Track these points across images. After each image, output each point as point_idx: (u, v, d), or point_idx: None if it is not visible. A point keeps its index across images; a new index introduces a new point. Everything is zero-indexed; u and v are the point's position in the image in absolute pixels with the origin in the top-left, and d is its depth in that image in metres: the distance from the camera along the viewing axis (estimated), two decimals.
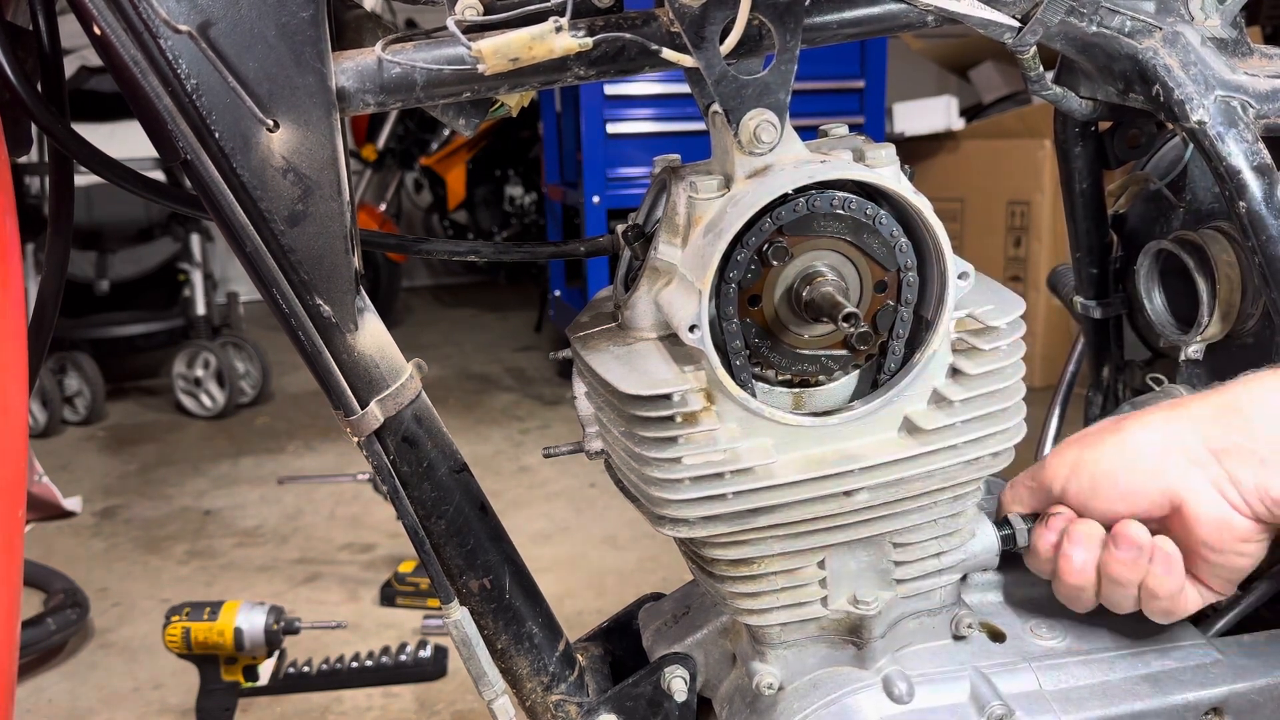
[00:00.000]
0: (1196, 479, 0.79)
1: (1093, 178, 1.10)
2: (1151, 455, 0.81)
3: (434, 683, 2.29)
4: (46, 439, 4.07)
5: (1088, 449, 0.84)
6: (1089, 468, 0.83)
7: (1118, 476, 0.82)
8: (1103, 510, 0.83)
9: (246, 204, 0.74)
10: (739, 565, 0.81)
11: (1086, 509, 0.84)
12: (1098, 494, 0.83)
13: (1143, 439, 0.82)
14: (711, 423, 0.76)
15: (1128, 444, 0.82)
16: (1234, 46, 0.91)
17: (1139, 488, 0.81)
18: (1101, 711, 0.84)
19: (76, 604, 2.54)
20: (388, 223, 5.81)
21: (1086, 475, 0.83)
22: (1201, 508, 0.79)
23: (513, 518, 3.08)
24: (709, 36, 0.73)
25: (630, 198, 3.96)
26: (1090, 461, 0.83)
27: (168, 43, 0.70)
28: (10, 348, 0.75)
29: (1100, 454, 0.83)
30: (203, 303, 4.39)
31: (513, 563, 0.88)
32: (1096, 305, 1.18)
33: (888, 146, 0.78)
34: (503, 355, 5.22)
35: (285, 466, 3.72)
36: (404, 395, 0.82)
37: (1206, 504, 0.79)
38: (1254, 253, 0.87)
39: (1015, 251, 4.26)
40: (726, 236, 0.72)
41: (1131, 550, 0.81)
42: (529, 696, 0.90)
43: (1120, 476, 0.82)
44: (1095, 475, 0.83)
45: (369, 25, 0.83)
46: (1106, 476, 0.82)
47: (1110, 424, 0.85)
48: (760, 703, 0.87)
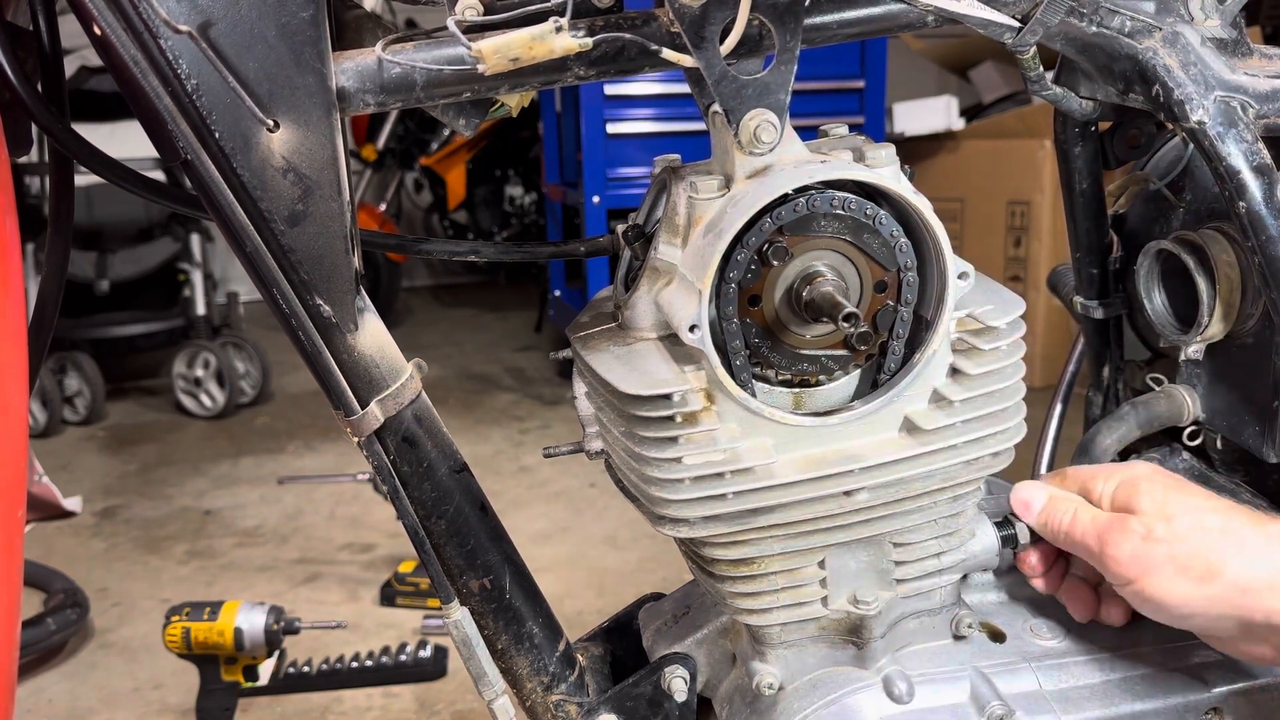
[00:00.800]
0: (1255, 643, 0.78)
1: (1093, 178, 1.10)
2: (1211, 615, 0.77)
3: (434, 683, 2.29)
4: (46, 439, 4.07)
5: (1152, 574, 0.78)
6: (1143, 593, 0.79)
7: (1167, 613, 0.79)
8: (1145, 615, 0.82)
9: (246, 204, 0.74)
10: (739, 565, 0.81)
11: (1131, 604, 0.82)
12: (1148, 612, 0.80)
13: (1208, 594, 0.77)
14: (711, 423, 0.76)
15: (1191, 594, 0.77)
16: (1234, 47, 0.91)
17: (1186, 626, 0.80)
18: (1101, 711, 0.84)
19: (76, 604, 2.54)
20: (388, 223, 5.80)
21: (1139, 598, 0.79)
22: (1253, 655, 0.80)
23: (513, 518, 3.08)
24: (709, 36, 0.73)
25: (630, 198, 3.95)
26: (1148, 589, 0.78)
27: (168, 43, 0.70)
28: (10, 348, 0.75)
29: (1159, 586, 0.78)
30: (203, 303, 4.39)
31: (513, 563, 0.88)
32: (1096, 305, 1.18)
33: (888, 146, 0.78)
34: (503, 355, 5.22)
35: (285, 466, 3.72)
36: (404, 395, 0.82)
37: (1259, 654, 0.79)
38: (1254, 253, 0.87)
39: (1015, 251, 4.26)
40: (726, 236, 0.72)
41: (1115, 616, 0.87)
42: (529, 696, 0.90)
43: (1170, 615, 0.79)
44: (1145, 600, 0.79)
45: (369, 25, 0.83)
46: (1156, 609, 0.79)
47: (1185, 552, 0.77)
48: (760, 703, 0.87)
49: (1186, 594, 0.77)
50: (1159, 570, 0.78)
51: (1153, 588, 0.78)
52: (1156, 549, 0.78)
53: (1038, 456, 1.36)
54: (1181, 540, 0.78)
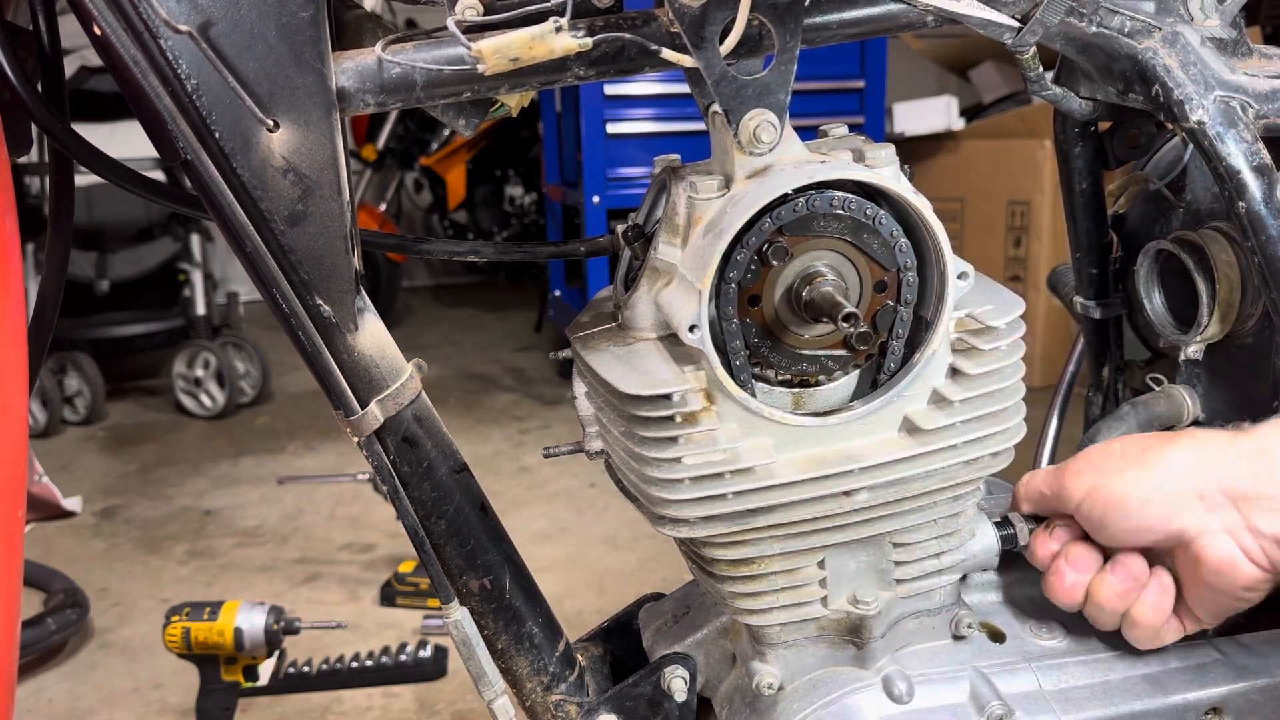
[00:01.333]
0: (1209, 522, 0.78)
1: (1093, 178, 1.10)
2: (1167, 494, 0.80)
3: (434, 683, 2.28)
4: (46, 439, 4.07)
5: (1106, 476, 0.82)
6: (1104, 495, 0.81)
7: (1129, 512, 0.81)
8: (1111, 537, 0.83)
9: (246, 204, 0.74)
10: (739, 565, 0.81)
11: (1095, 532, 0.83)
12: (1108, 523, 0.82)
13: (1161, 475, 0.80)
14: (711, 423, 0.76)
15: (1144, 480, 0.80)
16: (1234, 47, 0.91)
17: (1148, 526, 0.80)
18: (1101, 711, 0.84)
19: (76, 604, 2.54)
20: (388, 223, 5.81)
21: (1100, 503, 0.82)
22: (1210, 551, 0.79)
23: (513, 518, 3.08)
24: (709, 36, 0.73)
25: (630, 198, 3.95)
26: (1105, 490, 0.81)
27: (168, 43, 0.70)
28: (10, 348, 0.75)
29: (1116, 485, 0.81)
30: (203, 303, 4.39)
31: (513, 563, 0.88)
32: (1096, 305, 1.18)
33: (888, 146, 0.78)
34: (503, 355, 5.22)
35: (285, 466, 3.72)
36: (404, 395, 0.82)
37: (1216, 548, 0.78)
38: (1254, 253, 0.87)
39: (1015, 251, 4.26)
40: (726, 236, 0.72)
41: (1126, 581, 0.83)
42: (529, 696, 0.90)
43: (1132, 513, 0.80)
44: (1108, 505, 0.81)
45: (369, 25, 0.83)
46: (1118, 510, 0.81)
47: (1134, 450, 0.83)
48: (760, 703, 0.87)
49: (1139, 481, 0.80)
50: (1111, 469, 0.82)
51: (1108, 485, 0.81)
52: (1108, 454, 0.84)
53: (1038, 456, 1.35)
54: (1131, 443, 0.84)
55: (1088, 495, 0.82)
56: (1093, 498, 0.82)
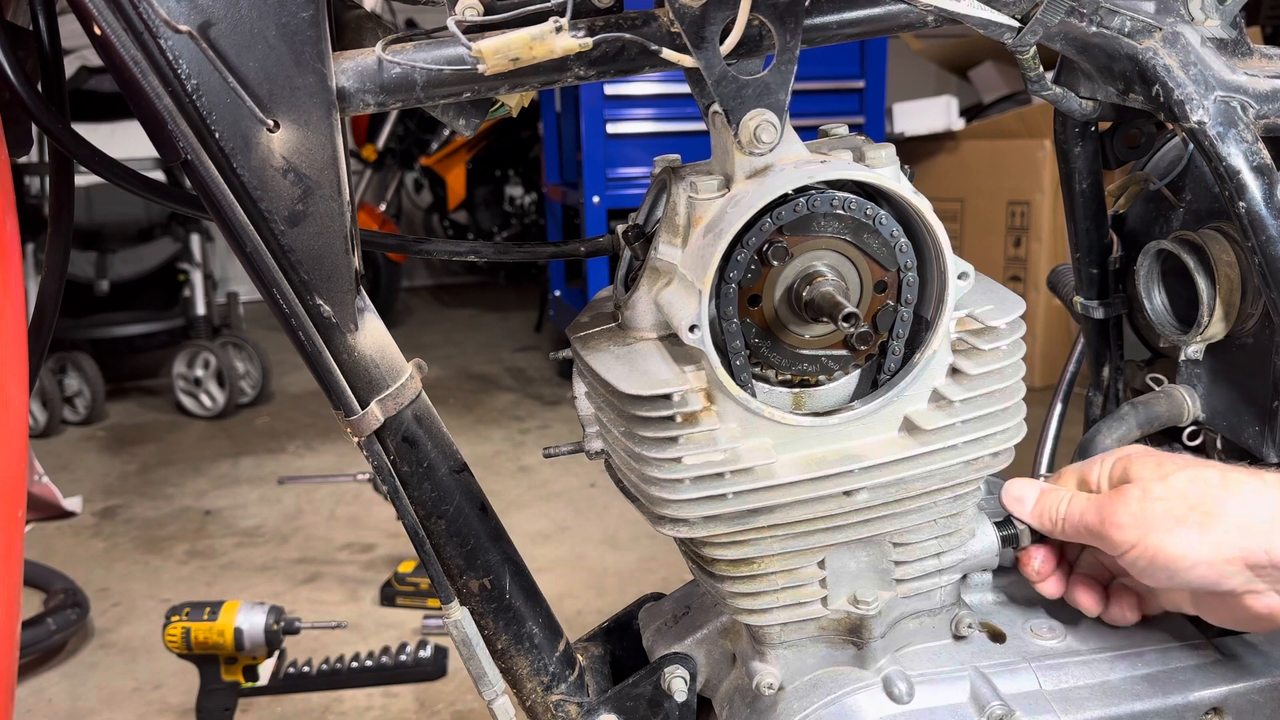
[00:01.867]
0: (1258, 584, 0.78)
1: (1093, 178, 1.10)
2: (1217, 561, 0.77)
3: (434, 683, 2.29)
4: (46, 439, 4.07)
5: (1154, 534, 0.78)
6: (1150, 554, 0.79)
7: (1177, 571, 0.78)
8: (1152, 584, 0.82)
9: (246, 204, 0.74)
10: (739, 565, 0.81)
11: (1137, 576, 0.82)
12: (1151, 576, 0.80)
13: (1213, 541, 0.77)
14: (711, 423, 0.76)
15: (1197, 541, 0.77)
16: (1234, 47, 0.91)
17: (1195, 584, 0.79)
18: (1101, 711, 0.84)
19: (76, 604, 2.54)
20: (388, 223, 5.81)
21: (1147, 559, 0.79)
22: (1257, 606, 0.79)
23: (513, 518, 3.08)
24: (709, 37, 0.73)
25: (630, 198, 3.96)
26: (1152, 550, 0.78)
27: (168, 43, 0.70)
28: (10, 348, 0.75)
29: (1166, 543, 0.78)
30: (203, 303, 4.39)
31: (513, 563, 0.88)
32: (1096, 305, 1.18)
33: (888, 146, 0.78)
34: (503, 355, 5.22)
35: (285, 466, 3.72)
36: (404, 395, 0.82)
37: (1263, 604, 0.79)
38: (1254, 253, 0.87)
39: (1015, 251, 4.26)
40: (726, 236, 0.72)
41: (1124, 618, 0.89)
42: (529, 696, 0.90)
43: (1180, 572, 0.78)
44: (1155, 562, 0.79)
45: (369, 25, 0.83)
46: (1166, 568, 0.78)
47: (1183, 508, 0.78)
48: (760, 703, 0.87)
49: (1189, 543, 0.77)
50: (1159, 525, 0.78)
51: (1156, 544, 0.78)
52: (1155, 506, 0.79)
53: (1038, 456, 1.36)
54: (1179, 494, 0.79)
55: (1134, 549, 0.79)
56: (1139, 554, 0.79)
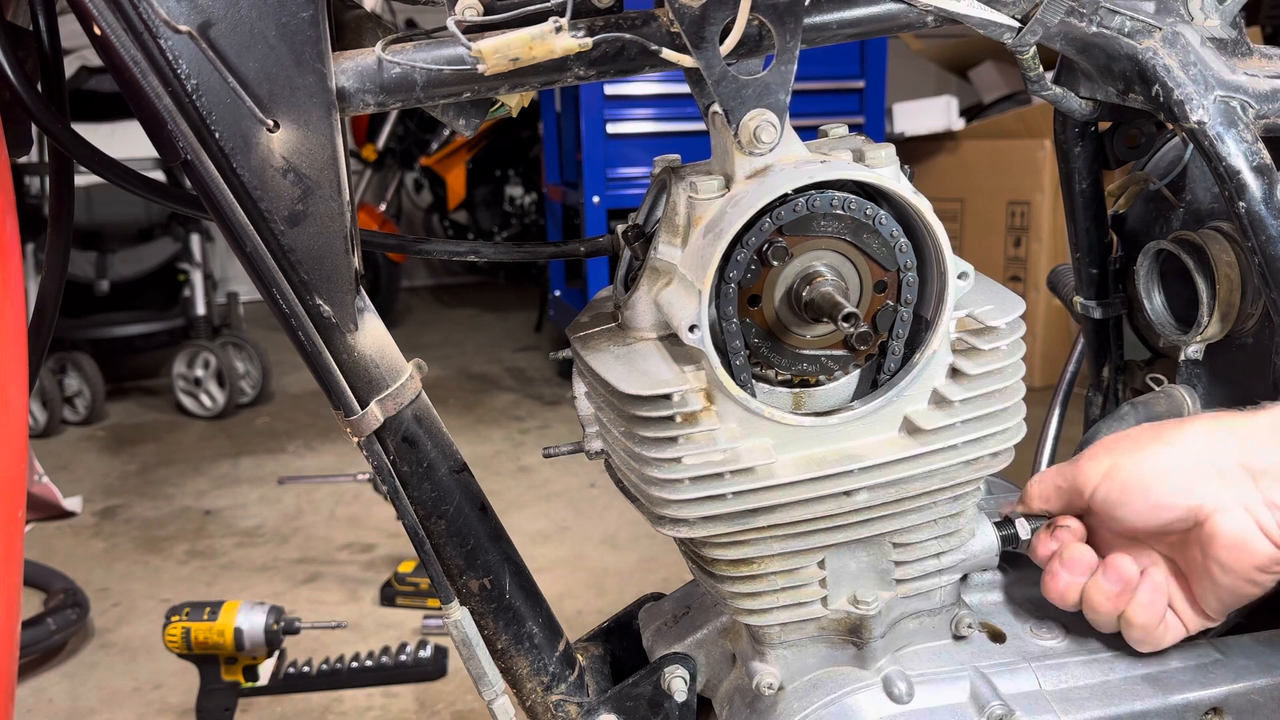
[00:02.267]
0: (1226, 497, 0.78)
1: (1093, 178, 1.10)
2: (1185, 469, 0.80)
3: (434, 683, 2.29)
4: (46, 439, 4.07)
5: (1123, 455, 0.83)
6: (1122, 475, 0.82)
7: (1149, 487, 0.81)
8: (1129, 518, 0.82)
9: (246, 204, 0.74)
10: (739, 565, 0.81)
11: (1113, 516, 0.83)
12: (1127, 502, 0.82)
13: (1180, 451, 0.81)
14: (711, 423, 0.76)
15: (1163, 455, 0.81)
16: (1234, 47, 0.91)
17: (1168, 501, 0.80)
18: (1101, 711, 0.84)
19: (76, 604, 2.54)
20: (388, 223, 5.81)
21: (1119, 483, 0.82)
22: (1225, 526, 0.78)
23: (513, 518, 3.08)
24: (709, 37, 0.73)
25: (630, 198, 3.96)
26: (1124, 469, 0.82)
27: (168, 43, 0.70)
28: (10, 348, 0.75)
29: (1135, 462, 0.82)
30: (203, 303, 4.39)
31: (513, 563, 0.88)
32: (1096, 305, 1.18)
33: (888, 146, 0.78)
34: (503, 355, 5.22)
35: (285, 466, 3.72)
36: (404, 395, 0.82)
37: (1231, 523, 0.78)
38: (1254, 253, 0.87)
39: (1015, 251, 4.26)
40: (726, 237, 0.72)
41: (1117, 584, 0.83)
42: (529, 696, 0.90)
43: (1151, 488, 0.81)
44: (1127, 484, 0.81)
45: (369, 25, 0.83)
46: (1138, 486, 0.81)
47: (1150, 431, 0.84)
48: (760, 703, 0.87)
49: (1157, 456, 0.81)
50: (1128, 448, 0.82)
51: (1127, 464, 0.82)
52: (1122, 439, 0.84)
53: (1038, 456, 1.36)
54: (1145, 428, 0.85)
55: (1105, 476, 0.82)
56: (1110, 478, 0.82)
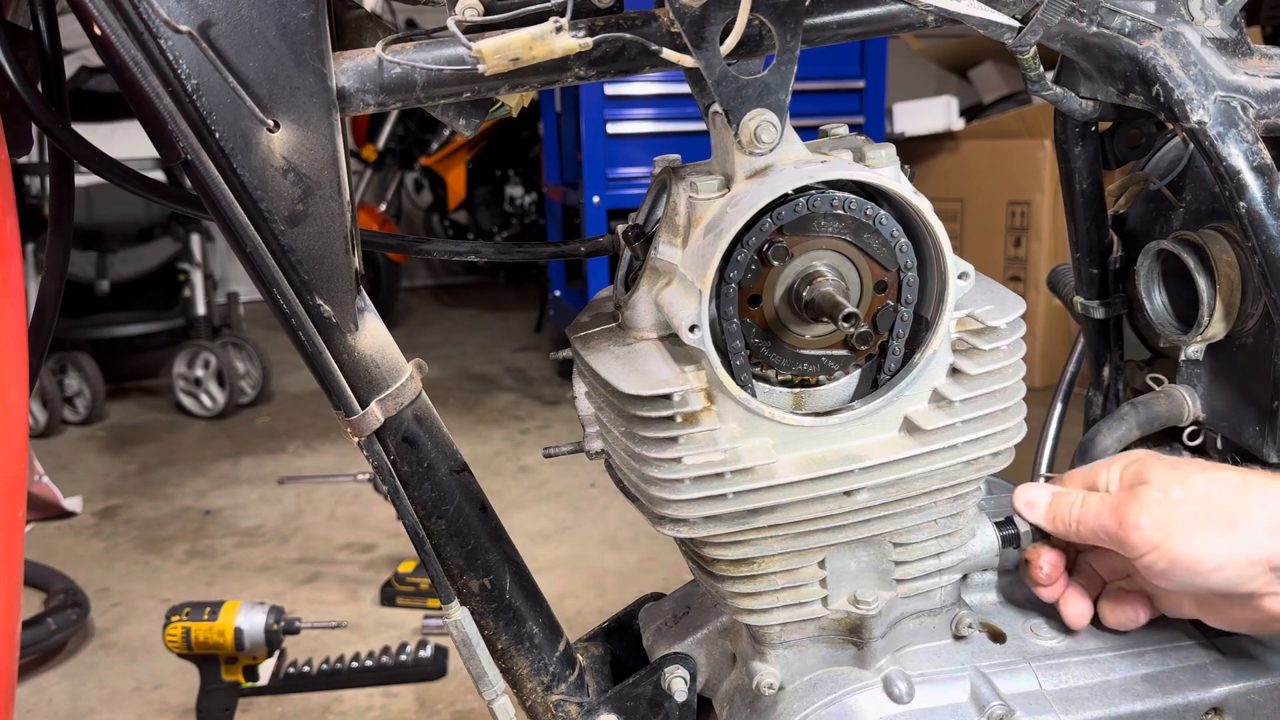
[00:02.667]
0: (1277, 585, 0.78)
1: (1093, 178, 1.10)
2: (1241, 563, 0.77)
3: (434, 683, 2.28)
4: (46, 439, 4.07)
5: (1176, 536, 0.78)
6: (1172, 555, 0.78)
7: (1200, 573, 0.78)
8: (1170, 586, 0.81)
9: (246, 204, 0.74)
10: (739, 565, 0.81)
11: (1152, 579, 0.81)
12: (1171, 578, 0.80)
13: (1237, 544, 0.77)
14: (712, 423, 0.76)
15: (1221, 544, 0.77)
16: (1234, 47, 0.91)
17: (1216, 587, 0.79)
18: (1101, 711, 0.84)
19: (76, 604, 2.54)
20: (388, 223, 5.81)
21: (1168, 561, 0.78)
22: (1276, 608, 0.79)
23: (513, 518, 3.08)
24: (709, 37, 0.73)
25: (630, 198, 3.95)
26: (1174, 551, 0.78)
27: (168, 43, 0.70)
28: (10, 348, 0.75)
29: (1189, 546, 0.78)
30: (203, 303, 4.39)
31: (513, 563, 0.88)
32: (1096, 305, 1.18)
33: (888, 146, 0.78)
34: (503, 355, 5.22)
35: (285, 466, 3.72)
36: (404, 395, 0.82)
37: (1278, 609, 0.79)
38: (1254, 253, 0.87)
39: (1015, 251, 4.26)
40: (727, 236, 0.72)
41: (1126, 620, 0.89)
42: (529, 696, 0.90)
43: (1203, 575, 0.78)
44: (1176, 564, 0.78)
45: (369, 25, 0.83)
46: (1189, 571, 0.78)
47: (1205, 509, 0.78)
48: (760, 703, 0.87)
49: (1212, 545, 0.77)
50: (1181, 528, 0.78)
51: (1178, 546, 0.78)
52: (1176, 509, 0.79)
53: (1038, 456, 1.36)
54: (1200, 496, 0.79)
55: (1155, 550, 0.79)
56: (1159, 555, 0.79)
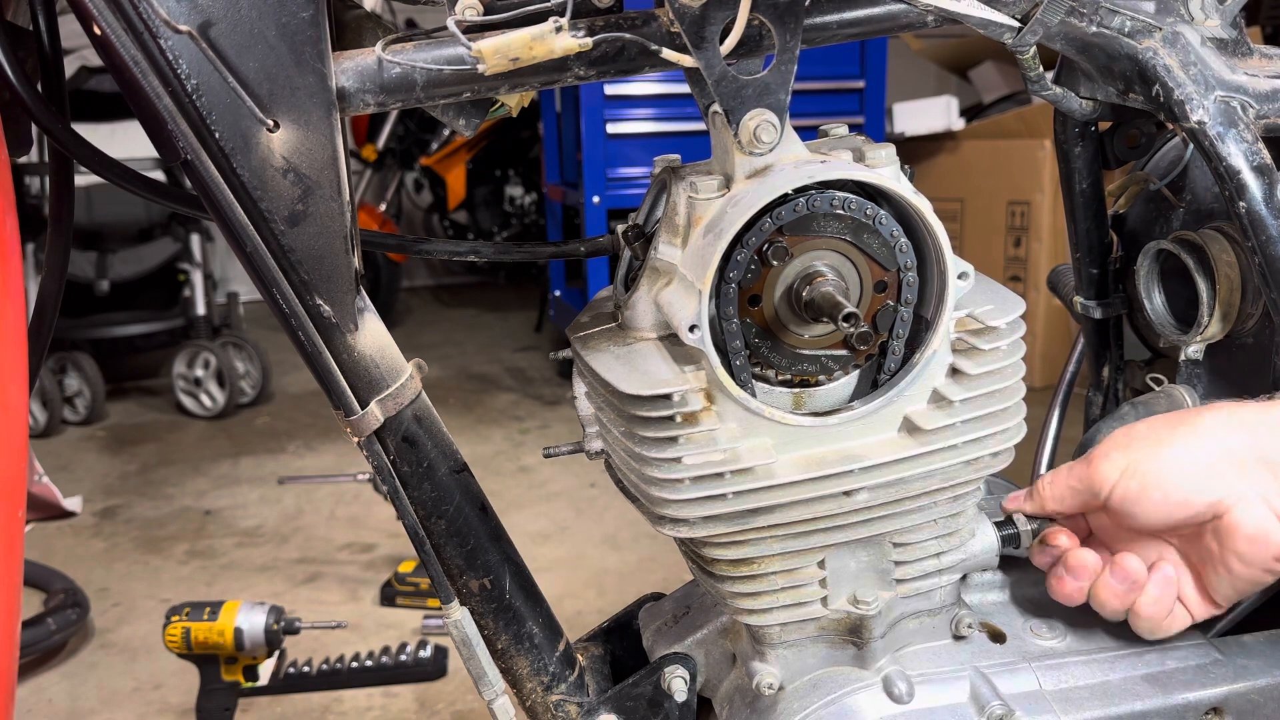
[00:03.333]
0: (1245, 490, 0.78)
1: (1093, 178, 1.10)
2: (1203, 464, 0.80)
3: (434, 683, 2.29)
4: (46, 439, 4.07)
5: (1139, 453, 0.82)
6: (1139, 474, 0.81)
7: (1167, 485, 0.80)
8: (1146, 515, 0.82)
9: (246, 204, 0.74)
10: (739, 565, 0.81)
11: (1130, 513, 0.83)
12: (1144, 500, 0.81)
13: (1196, 447, 0.80)
14: (711, 423, 0.76)
15: (1180, 452, 0.81)
16: (1234, 47, 0.91)
17: (1187, 498, 0.80)
18: (1101, 711, 0.84)
19: (76, 604, 2.54)
20: (388, 223, 5.81)
21: (1136, 482, 0.81)
22: (1244, 519, 0.78)
23: (513, 518, 3.08)
24: (709, 36, 0.73)
25: (630, 198, 3.96)
26: (1141, 467, 0.81)
27: (168, 43, 0.70)
28: (10, 348, 0.75)
29: (1152, 460, 0.81)
30: (203, 303, 4.39)
31: (513, 563, 0.88)
32: (1096, 305, 1.18)
33: (888, 146, 0.78)
34: (503, 355, 5.22)
35: (285, 466, 3.72)
36: (404, 395, 0.82)
37: (1250, 516, 0.78)
38: (1254, 253, 0.87)
39: (1015, 251, 4.26)
40: (726, 236, 0.72)
41: (1125, 583, 0.84)
42: (529, 696, 0.90)
43: (1170, 485, 0.80)
44: (1145, 482, 0.81)
45: (369, 25, 0.83)
46: (1156, 485, 0.80)
47: (1164, 425, 0.83)
48: (760, 703, 0.87)
49: (1175, 454, 0.81)
50: (1145, 445, 0.82)
51: (1145, 463, 0.81)
52: (1137, 435, 0.84)
53: (1038, 456, 1.36)
54: (1158, 423, 0.84)
55: (1123, 475, 0.82)
56: (1128, 476, 0.81)
